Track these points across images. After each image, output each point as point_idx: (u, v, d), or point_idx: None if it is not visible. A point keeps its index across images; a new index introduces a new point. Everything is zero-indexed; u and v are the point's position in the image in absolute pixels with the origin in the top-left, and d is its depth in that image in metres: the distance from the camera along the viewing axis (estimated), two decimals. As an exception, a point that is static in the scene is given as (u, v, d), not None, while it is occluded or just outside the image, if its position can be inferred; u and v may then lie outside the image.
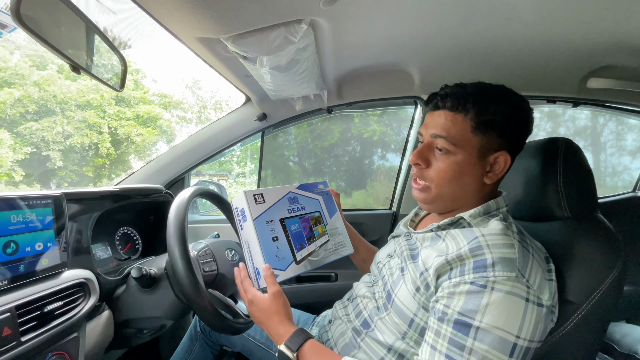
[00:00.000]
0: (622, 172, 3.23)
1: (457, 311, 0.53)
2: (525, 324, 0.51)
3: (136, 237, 1.10)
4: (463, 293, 0.53)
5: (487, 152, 0.63)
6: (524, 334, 0.51)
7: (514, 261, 0.54)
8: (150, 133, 8.56)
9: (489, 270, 0.53)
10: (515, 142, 0.65)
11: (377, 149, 3.91)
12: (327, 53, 0.95)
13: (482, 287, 0.52)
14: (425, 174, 0.67)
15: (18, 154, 6.84)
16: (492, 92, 0.64)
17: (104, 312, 0.78)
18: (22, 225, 0.63)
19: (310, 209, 0.84)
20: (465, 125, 0.62)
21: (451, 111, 0.63)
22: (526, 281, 0.53)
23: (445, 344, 0.53)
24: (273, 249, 0.73)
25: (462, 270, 0.55)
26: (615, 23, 0.77)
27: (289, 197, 0.81)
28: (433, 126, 0.65)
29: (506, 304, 0.51)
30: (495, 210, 0.65)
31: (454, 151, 0.63)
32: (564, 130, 3.71)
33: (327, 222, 0.86)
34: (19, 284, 0.61)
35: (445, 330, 0.53)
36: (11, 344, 0.54)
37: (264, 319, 0.68)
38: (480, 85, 0.65)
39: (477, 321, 0.51)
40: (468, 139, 0.62)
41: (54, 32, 0.62)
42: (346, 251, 0.87)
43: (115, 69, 0.88)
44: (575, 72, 1.07)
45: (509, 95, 0.64)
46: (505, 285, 0.52)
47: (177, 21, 0.71)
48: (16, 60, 7.47)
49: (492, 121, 0.62)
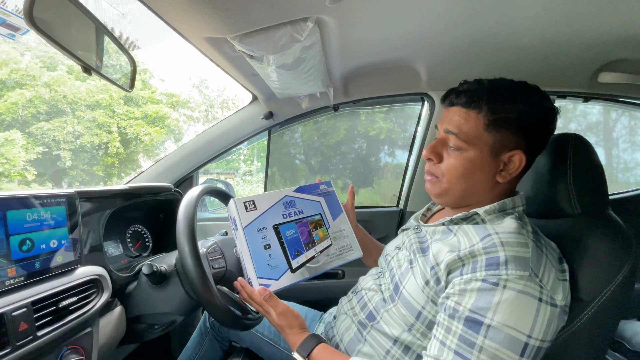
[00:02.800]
0: (635, 168, 3.17)
1: (468, 308, 0.53)
2: (537, 323, 0.51)
3: (146, 235, 1.12)
4: (474, 290, 0.53)
5: (501, 151, 0.62)
6: (536, 333, 0.51)
7: (527, 260, 0.53)
8: (158, 132, 8.66)
9: (502, 268, 0.52)
10: (533, 142, 0.63)
11: (384, 147, 3.89)
12: (333, 50, 0.95)
13: (494, 284, 0.52)
14: (437, 169, 0.67)
15: (30, 153, 6.98)
16: (510, 89, 0.62)
17: (116, 307, 0.80)
18: (37, 223, 0.64)
19: (309, 212, 0.80)
20: (478, 123, 0.61)
21: (464, 107, 0.63)
22: (539, 281, 0.53)
23: (455, 340, 0.53)
24: (264, 258, 0.71)
25: (474, 267, 0.55)
26: (626, 16, 0.76)
27: (285, 202, 0.78)
28: (447, 122, 0.65)
29: (518, 303, 0.51)
30: (511, 208, 0.65)
31: (465, 148, 0.62)
32: (575, 125, 3.64)
33: (330, 225, 0.82)
34: (34, 280, 0.63)
35: (456, 327, 0.53)
36: (28, 338, 0.56)
37: (279, 331, 0.73)
38: (498, 81, 0.63)
39: (489, 319, 0.51)
40: (480, 136, 0.61)
41: (66, 34, 0.63)
42: (353, 255, 0.82)
43: (124, 69, 0.89)
44: (586, 66, 1.05)
45: (529, 93, 0.62)
46: (518, 284, 0.51)
47: (185, 21, 0.72)
48: (27, 62, 7.61)
49: (507, 119, 0.60)
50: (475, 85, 0.63)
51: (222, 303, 0.72)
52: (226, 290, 0.82)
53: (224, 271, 0.86)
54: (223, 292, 0.81)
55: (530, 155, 0.63)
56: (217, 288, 0.74)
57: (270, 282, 0.70)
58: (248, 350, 1.03)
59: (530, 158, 0.64)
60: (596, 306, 0.58)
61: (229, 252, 0.90)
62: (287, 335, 0.70)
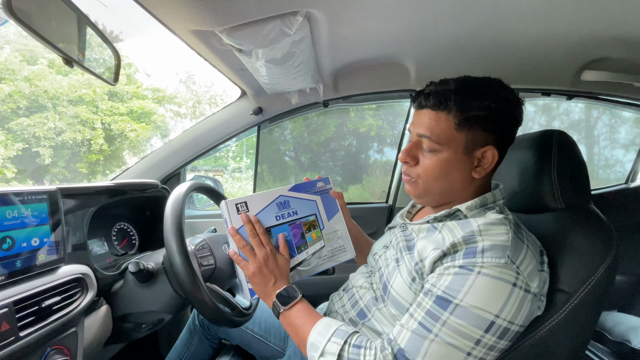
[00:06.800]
0: (615, 165, 3.27)
1: (441, 289, 0.55)
2: (507, 305, 0.53)
3: (133, 233, 1.10)
4: (450, 274, 0.55)
5: (474, 148, 0.63)
6: (505, 314, 0.53)
7: (505, 248, 0.55)
8: (144, 128, 8.48)
9: (478, 256, 0.54)
10: (503, 136, 0.64)
11: (373, 144, 3.92)
12: (323, 46, 0.95)
13: (469, 270, 0.54)
14: (414, 171, 0.68)
15: (10, 150, 6.75)
16: (476, 86, 0.63)
17: (102, 307, 0.78)
18: (18, 220, 0.62)
19: (303, 212, 0.77)
20: (449, 124, 0.62)
21: (434, 110, 0.63)
22: (516, 267, 0.54)
23: (422, 313, 0.55)
24: None
25: (454, 257, 0.57)
26: (610, 15, 0.77)
27: (279, 202, 0.75)
28: (419, 125, 0.65)
29: (490, 287, 0.53)
30: (491, 202, 0.66)
31: (439, 149, 0.63)
32: (558, 123, 3.74)
33: (325, 225, 0.80)
34: (16, 280, 0.61)
35: (426, 303, 0.56)
36: (10, 338, 0.54)
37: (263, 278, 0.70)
38: (464, 80, 0.64)
39: (458, 299, 0.53)
40: (452, 136, 0.62)
41: (46, 24, 0.61)
42: (345, 256, 0.81)
43: (108, 62, 0.86)
44: (570, 64, 1.08)
45: (494, 89, 0.63)
46: (493, 270, 0.53)
47: (171, 13, 0.70)
48: (6, 55, 7.33)
49: (477, 117, 0.61)
50: (441, 86, 0.64)
51: (212, 301, 0.71)
52: (215, 287, 0.81)
53: (213, 269, 0.85)
54: (212, 290, 0.80)
55: (502, 148, 0.65)
56: (206, 286, 0.73)
57: None
58: (238, 348, 1.02)
59: (502, 151, 0.65)
60: (579, 298, 0.59)
61: (218, 250, 0.89)
62: (275, 284, 0.69)
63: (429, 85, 0.66)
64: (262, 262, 0.67)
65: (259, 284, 0.68)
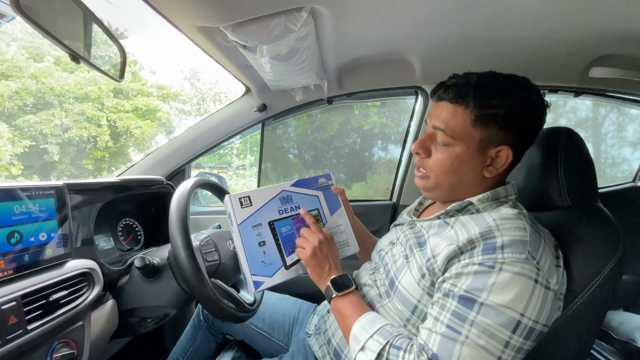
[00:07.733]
0: (622, 163, 3.23)
1: (463, 289, 0.54)
2: (531, 303, 0.52)
3: (138, 228, 1.11)
4: (471, 273, 0.54)
5: (488, 146, 0.62)
6: (529, 313, 0.52)
7: (525, 243, 0.54)
8: (149, 125, 8.52)
9: (498, 252, 0.53)
10: (520, 137, 0.62)
11: (378, 141, 3.91)
12: (327, 42, 0.95)
13: (490, 267, 0.53)
14: (426, 163, 0.67)
15: (17, 147, 6.82)
16: (498, 83, 0.61)
17: (108, 301, 0.79)
18: (26, 215, 0.63)
19: (306, 207, 0.79)
20: (465, 118, 0.61)
21: (452, 103, 0.62)
22: (536, 263, 0.53)
23: (448, 315, 0.54)
24: (259, 255, 0.71)
25: (472, 253, 0.56)
26: (618, 11, 0.76)
27: (282, 197, 0.77)
28: (435, 117, 0.65)
29: (514, 284, 0.52)
30: (504, 197, 0.65)
31: (452, 143, 0.63)
32: (565, 121, 3.69)
33: (327, 220, 0.81)
34: (24, 274, 0.62)
35: (450, 304, 0.54)
36: (18, 331, 0.55)
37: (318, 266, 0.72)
38: (487, 76, 0.63)
39: (483, 298, 0.52)
40: (467, 131, 0.61)
41: (53, 21, 0.61)
42: (349, 251, 0.82)
43: (114, 59, 0.87)
44: (577, 61, 1.06)
45: (517, 87, 0.61)
46: (515, 266, 0.52)
47: (176, 9, 0.70)
48: (13, 52, 7.39)
49: (495, 114, 0.60)
50: (463, 79, 0.63)
51: (216, 296, 0.72)
52: (220, 283, 0.81)
53: (218, 264, 0.85)
54: (217, 285, 0.80)
55: (519, 150, 0.63)
56: (210, 281, 0.74)
57: (264, 279, 0.70)
58: (242, 343, 1.03)
59: (519, 153, 0.64)
60: (585, 296, 0.59)
61: (222, 245, 0.89)
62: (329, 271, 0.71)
63: (451, 78, 0.65)
64: (318, 246, 0.69)
65: (315, 267, 0.70)
